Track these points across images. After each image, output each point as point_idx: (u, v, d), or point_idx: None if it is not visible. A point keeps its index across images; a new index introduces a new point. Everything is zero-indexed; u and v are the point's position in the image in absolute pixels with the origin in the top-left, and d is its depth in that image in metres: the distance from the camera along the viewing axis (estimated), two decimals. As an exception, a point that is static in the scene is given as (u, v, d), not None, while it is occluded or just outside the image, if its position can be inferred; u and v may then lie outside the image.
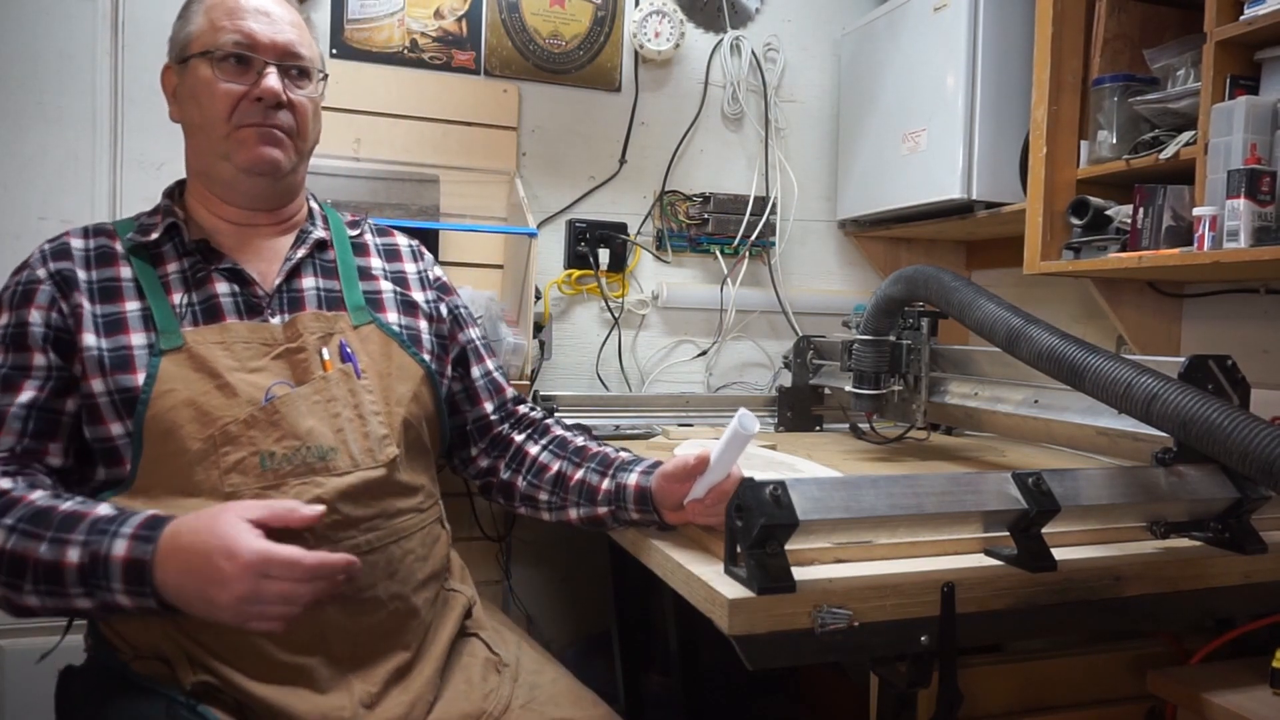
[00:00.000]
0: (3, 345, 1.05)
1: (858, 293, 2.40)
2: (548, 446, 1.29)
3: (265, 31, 1.13)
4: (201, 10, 1.15)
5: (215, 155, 1.14)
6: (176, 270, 1.13)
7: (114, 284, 1.10)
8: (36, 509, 0.95)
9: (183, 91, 1.16)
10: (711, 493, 1.06)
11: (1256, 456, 0.91)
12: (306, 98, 1.17)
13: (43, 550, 0.92)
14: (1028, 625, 1.01)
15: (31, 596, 0.94)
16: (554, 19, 2.15)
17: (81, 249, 1.12)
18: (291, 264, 1.17)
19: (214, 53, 1.11)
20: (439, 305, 1.30)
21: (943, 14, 1.96)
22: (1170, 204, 1.51)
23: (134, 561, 0.91)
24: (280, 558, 0.90)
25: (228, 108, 1.11)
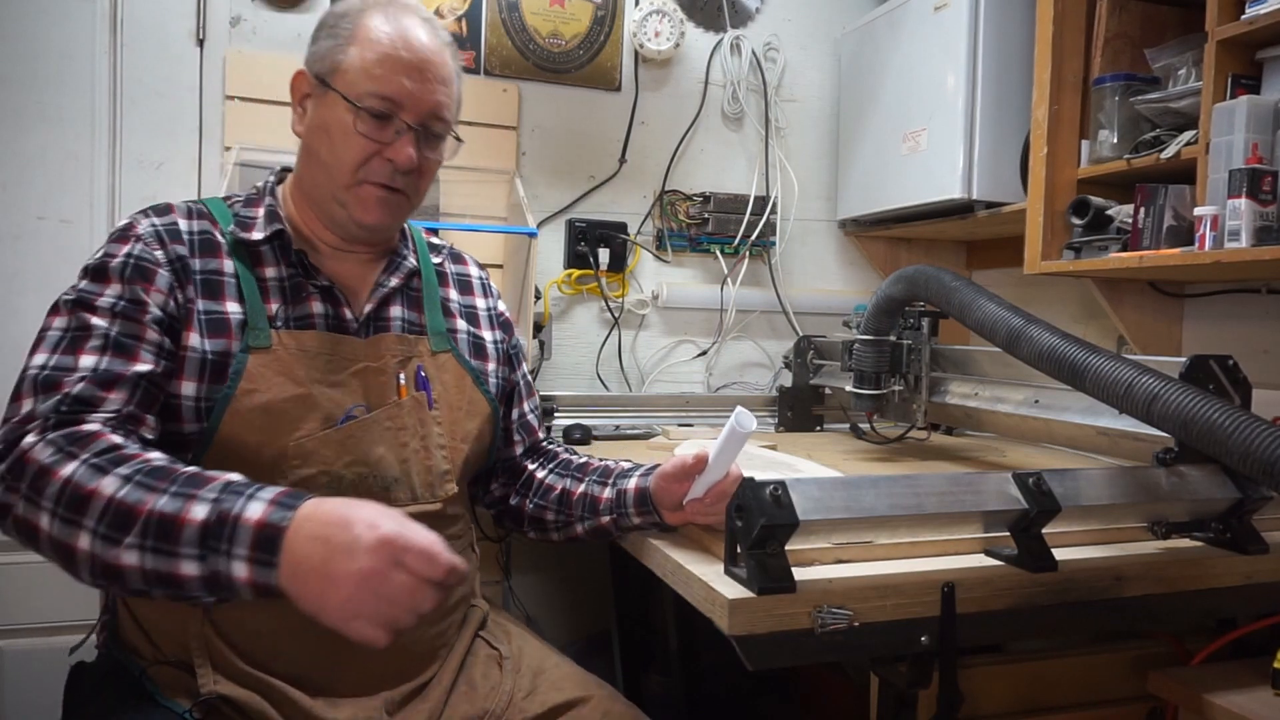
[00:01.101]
0: (113, 314, 1.00)
1: (858, 293, 2.40)
2: (553, 469, 1.30)
3: (416, 91, 1.08)
4: (358, 38, 1.08)
5: (332, 198, 1.11)
6: (275, 276, 1.10)
7: (218, 278, 1.07)
8: (155, 466, 0.88)
9: (314, 115, 1.11)
10: (711, 492, 1.07)
11: (1258, 457, 0.91)
12: (434, 161, 1.14)
13: (161, 502, 0.84)
14: (1028, 625, 1.01)
15: (131, 553, 0.83)
16: (554, 18, 2.15)
17: (188, 232, 1.08)
18: (384, 292, 1.17)
19: (358, 103, 1.07)
20: (503, 345, 1.31)
21: (943, 14, 1.96)
22: (1171, 204, 1.51)
23: (268, 526, 0.82)
24: (419, 545, 0.81)
25: (358, 160, 1.08)
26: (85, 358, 0.97)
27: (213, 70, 1.93)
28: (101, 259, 1.04)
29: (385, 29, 1.08)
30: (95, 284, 1.03)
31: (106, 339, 0.98)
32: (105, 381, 0.96)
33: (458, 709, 1.12)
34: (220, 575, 0.83)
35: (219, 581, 0.83)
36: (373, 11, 1.10)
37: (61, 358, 0.97)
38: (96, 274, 1.04)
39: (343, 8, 1.12)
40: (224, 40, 1.94)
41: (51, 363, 0.97)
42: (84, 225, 1.86)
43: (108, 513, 0.84)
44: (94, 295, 1.01)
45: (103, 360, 0.97)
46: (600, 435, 1.90)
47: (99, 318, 1.00)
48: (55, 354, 0.97)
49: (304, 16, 1.99)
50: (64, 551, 0.85)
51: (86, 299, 1.01)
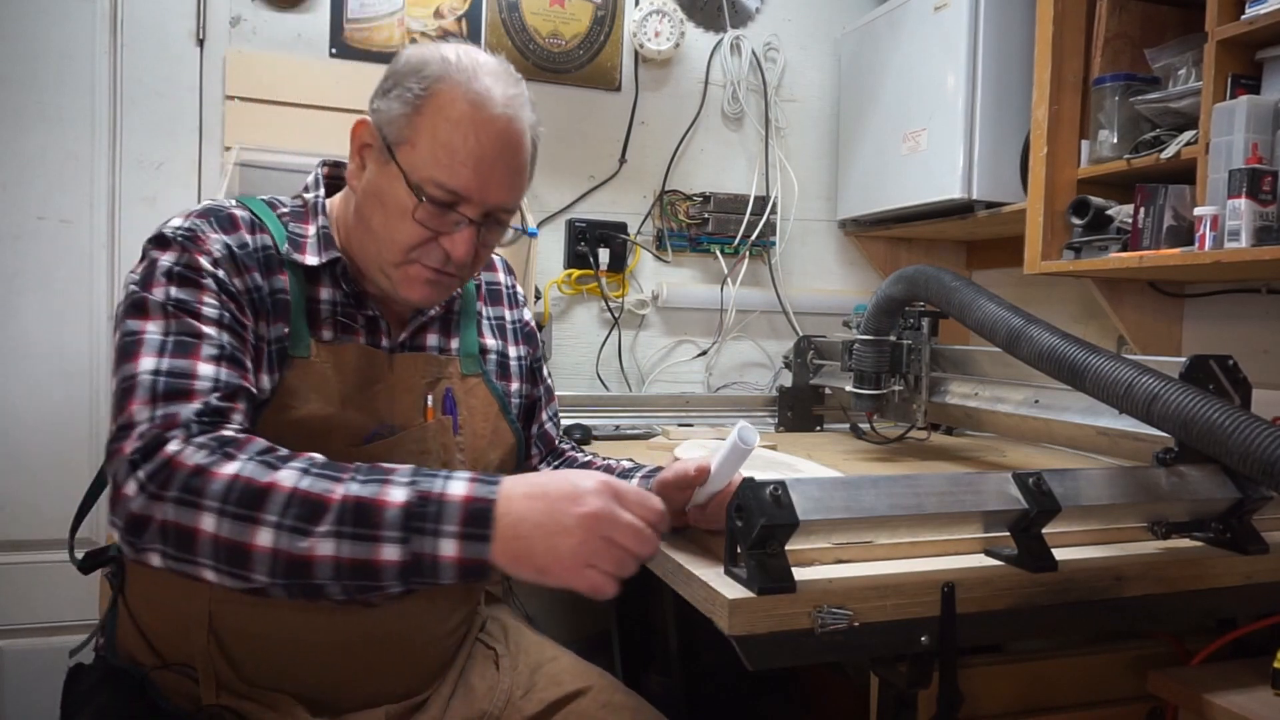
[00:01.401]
0: (220, 325, 0.95)
1: (858, 293, 2.40)
2: (556, 467, 1.31)
3: (484, 186, 1.00)
4: (431, 110, 0.98)
5: (377, 267, 1.05)
6: (329, 300, 1.06)
7: (283, 298, 1.03)
8: (327, 461, 0.85)
9: (372, 178, 1.02)
10: (713, 501, 1.05)
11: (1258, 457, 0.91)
12: (494, 242, 1.09)
13: (353, 488, 0.80)
14: (1028, 625, 1.01)
15: (328, 541, 0.78)
16: (554, 18, 2.15)
17: (256, 249, 1.02)
18: (420, 321, 1.14)
19: (420, 188, 0.98)
20: (526, 360, 1.29)
21: (943, 14, 1.96)
22: (1171, 204, 1.51)
23: (477, 500, 0.80)
24: (633, 489, 0.83)
25: (411, 243, 1.01)
26: (204, 365, 0.91)
27: (213, 70, 1.93)
28: (186, 266, 0.96)
29: (461, 107, 0.98)
30: (189, 289, 0.95)
31: (221, 349, 0.93)
32: (232, 393, 0.91)
33: (456, 713, 1.12)
34: (424, 557, 0.79)
35: (420, 565, 0.79)
36: (453, 79, 0.99)
37: (175, 362, 0.90)
38: (185, 281, 0.95)
39: (419, 58, 1.01)
40: (224, 40, 1.94)
41: (165, 368, 0.89)
42: (84, 225, 1.86)
43: (293, 503, 0.80)
44: (194, 303, 0.94)
45: (221, 370, 0.92)
46: (600, 435, 1.90)
47: (207, 326, 0.93)
48: (165, 358, 0.90)
49: (304, 16, 1.99)
50: (236, 552, 0.79)
51: (188, 305, 0.94)
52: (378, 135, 1.01)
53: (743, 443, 0.99)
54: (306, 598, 0.84)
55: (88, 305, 1.86)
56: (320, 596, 0.82)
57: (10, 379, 1.83)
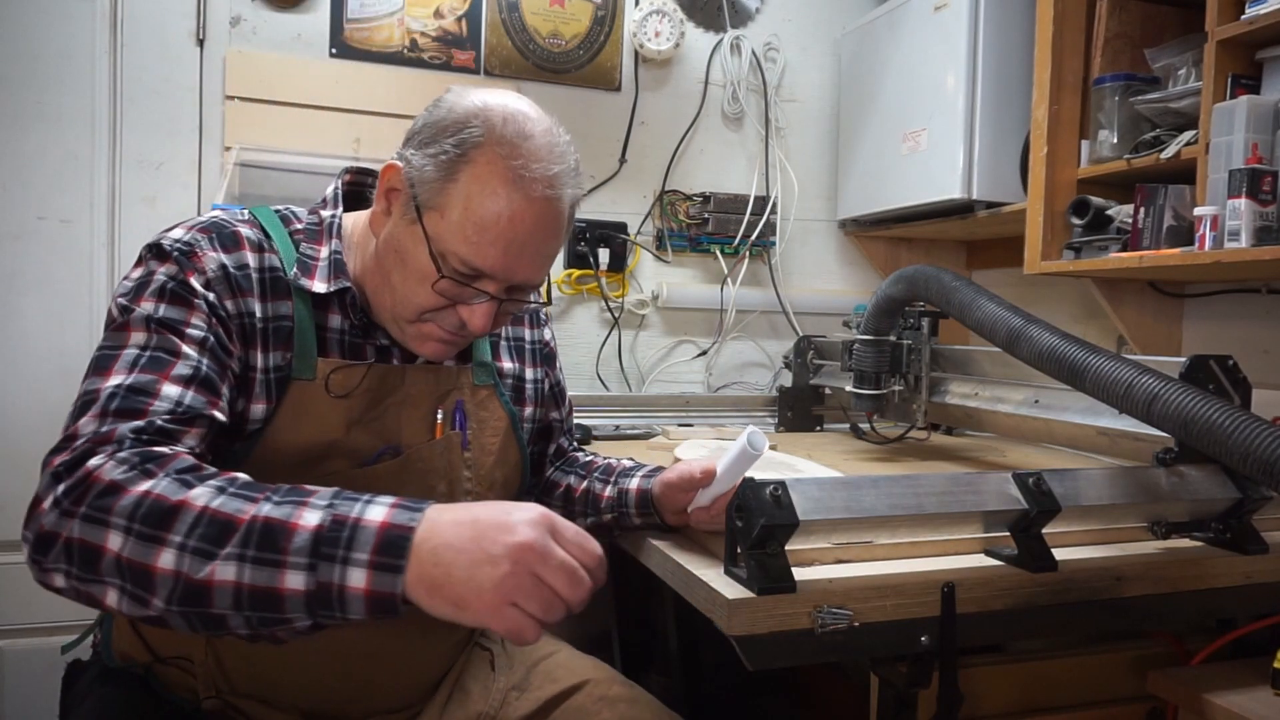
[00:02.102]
0: (202, 347, 0.91)
1: (858, 293, 2.40)
2: (559, 466, 1.30)
3: (509, 268, 0.96)
4: (466, 186, 0.93)
5: (391, 318, 1.02)
6: (337, 329, 1.03)
7: (287, 325, 0.99)
8: (248, 481, 0.79)
9: (396, 230, 0.98)
10: (716, 503, 1.05)
11: (1258, 457, 0.91)
12: (513, 311, 1.06)
13: (265, 509, 0.74)
14: (1028, 625, 1.01)
15: (229, 566, 0.72)
16: (554, 18, 2.15)
17: (258, 270, 0.98)
18: None
19: (443, 261, 0.95)
20: (544, 383, 1.26)
21: (943, 14, 1.96)
22: (1171, 204, 1.51)
23: (394, 527, 0.72)
24: (572, 527, 0.77)
25: (427, 308, 0.98)
26: (169, 386, 0.86)
27: (213, 70, 1.93)
28: (177, 285, 0.92)
29: (500, 185, 0.93)
30: (177, 307, 0.91)
31: (196, 372, 0.89)
32: (189, 419, 0.86)
33: (452, 717, 1.12)
34: (330, 588, 0.72)
35: (327, 597, 0.72)
36: (494, 150, 0.93)
37: (141, 377, 0.86)
38: (175, 299, 0.92)
39: (462, 112, 0.96)
40: (224, 40, 1.94)
41: (128, 384, 0.85)
42: (84, 225, 1.86)
43: (200, 523, 0.73)
44: (180, 323, 0.91)
45: (188, 394, 0.87)
46: (600, 435, 1.90)
47: (187, 345, 0.90)
48: (133, 374, 0.86)
49: (304, 16, 1.99)
50: (138, 574, 0.73)
51: (172, 323, 0.90)
52: (407, 188, 0.96)
53: (752, 448, 0.98)
54: (208, 630, 0.75)
55: (88, 305, 1.86)
56: (223, 629, 0.75)
57: (10, 379, 1.83)
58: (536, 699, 1.14)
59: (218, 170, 1.92)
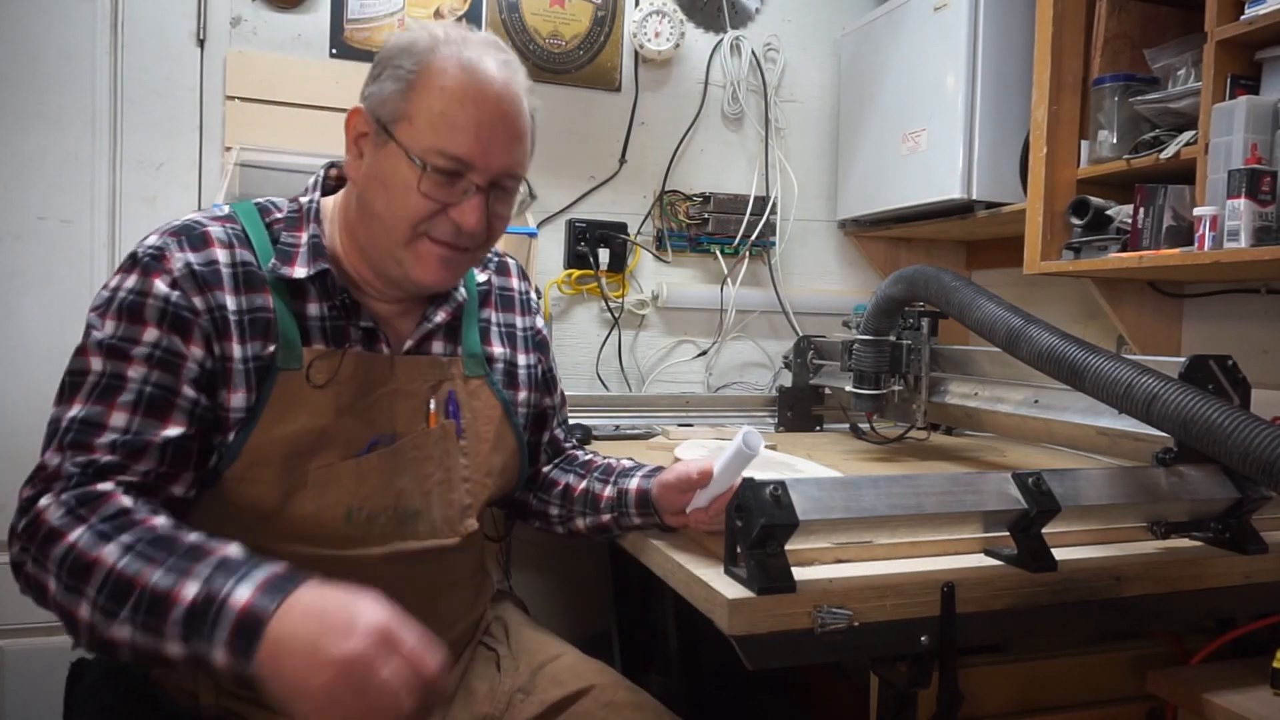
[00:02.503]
0: (149, 363, 0.94)
1: (858, 293, 2.40)
2: (558, 465, 1.30)
3: (486, 154, 0.99)
4: (421, 86, 0.97)
5: (387, 253, 1.03)
6: (317, 315, 1.04)
7: (264, 316, 1.00)
8: (159, 535, 0.85)
9: (372, 163, 1.01)
10: (714, 503, 1.06)
11: (1257, 456, 0.91)
12: (504, 216, 1.06)
13: (156, 577, 0.80)
14: (1028, 625, 1.01)
15: (125, 627, 0.80)
16: (554, 19, 2.15)
17: (228, 265, 1.00)
18: (428, 328, 1.11)
19: (423, 160, 0.97)
20: (537, 369, 1.27)
21: (943, 14, 1.96)
22: (1171, 204, 1.51)
23: (250, 614, 0.77)
24: (416, 641, 0.77)
25: (419, 217, 0.99)
26: (117, 415, 0.92)
27: (213, 70, 1.93)
28: (136, 297, 0.96)
29: (456, 75, 0.97)
30: (131, 325, 0.95)
31: (140, 395, 0.93)
32: (133, 451, 0.92)
33: (456, 717, 1.11)
34: (202, 659, 0.79)
35: (202, 663, 0.79)
36: (442, 52, 0.98)
37: (92, 409, 0.92)
38: (132, 313, 0.95)
39: (407, 40, 1.01)
40: (224, 40, 1.94)
41: (81, 415, 0.91)
42: (84, 225, 1.86)
43: (107, 584, 0.81)
44: (130, 342, 0.94)
45: (134, 420, 0.92)
46: (600, 435, 1.90)
47: (134, 367, 0.93)
48: (87, 404, 0.92)
49: (304, 17, 1.99)
50: (67, 617, 0.84)
51: (122, 346, 0.94)
52: (372, 120, 1.00)
53: (747, 448, 1.00)
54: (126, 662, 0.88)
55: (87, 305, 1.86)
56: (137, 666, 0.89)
57: (10, 379, 1.83)
58: (542, 702, 1.14)
59: (218, 170, 1.92)
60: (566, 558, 2.17)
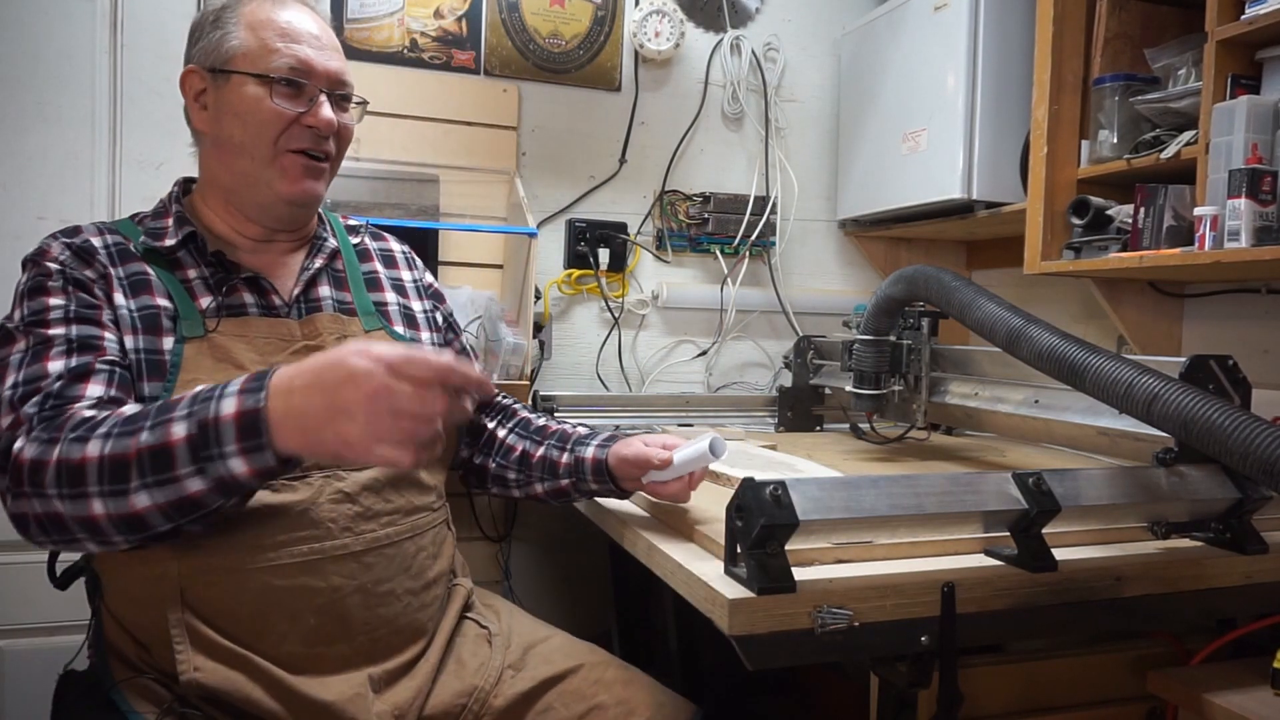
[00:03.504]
0: (67, 320, 1.01)
1: (858, 293, 2.40)
2: (514, 429, 1.35)
3: (319, 58, 1.13)
4: (243, 24, 1.12)
5: (254, 178, 1.13)
6: (198, 276, 1.12)
7: (144, 278, 1.09)
8: (127, 415, 0.91)
9: (219, 104, 1.12)
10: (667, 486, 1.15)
11: (1258, 456, 0.91)
12: (349, 126, 1.19)
13: (144, 438, 0.87)
14: (1028, 625, 1.01)
15: (141, 495, 0.86)
16: (554, 18, 2.15)
17: (103, 246, 1.10)
18: (309, 274, 1.19)
19: (268, 75, 1.10)
20: (435, 314, 1.34)
21: (943, 14, 1.96)
22: (1171, 204, 1.51)
23: (246, 414, 0.85)
24: (410, 355, 0.83)
25: (277, 130, 1.11)
26: (53, 363, 0.98)
27: (213, 70, 1.93)
28: (34, 280, 1.05)
29: (270, 9, 1.12)
30: (37, 300, 1.03)
31: (69, 342, 1.00)
32: (79, 374, 0.97)
33: (447, 687, 1.13)
34: (225, 479, 0.86)
35: (228, 485, 0.87)
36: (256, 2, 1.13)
37: (29, 370, 0.97)
38: (34, 293, 1.04)
39: (218, 2, 1.15)
40: (224, 40, 1.94)
41: (21, 378, 0.97)
42: (84, 225, 1.86)
43: (104, 470, 0.87)
44: (42, 311, 1.02)
45: (70, 360, 0.98)
46: (600, 435, 1.90)
47: (55, 328, 1.01)
48: (22, 370, 0.98)
49: (304, 16, 1.99)
50: (88, 525, 0.88)
51: (35, 317, 1.01)
52: (205, 72, 1.12)
53: (712, 454, 1.10)
54: (166, 540, 0.93)
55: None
56: (173, 535, 0.92)
57: (10, 379, 1.83)
58: (532, 678, 1.17)
59: (218, 170, 1.92)
60: (566, 558, 2.17)
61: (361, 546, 1.06)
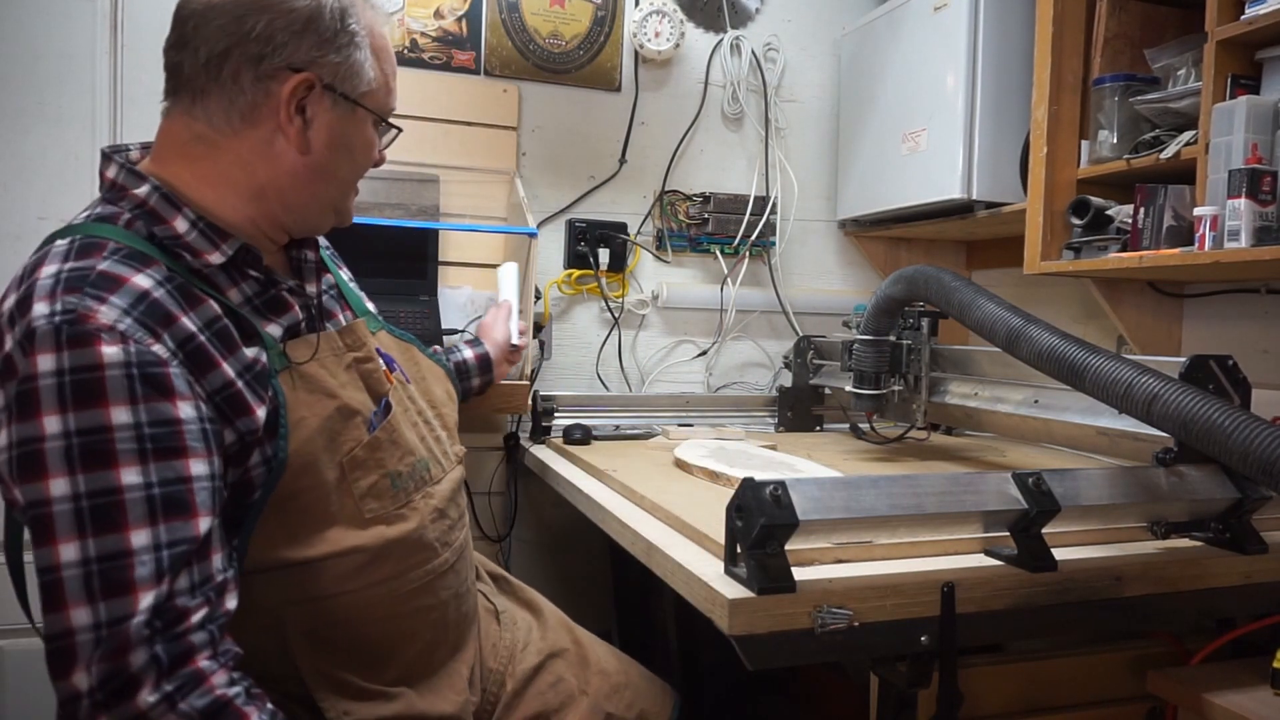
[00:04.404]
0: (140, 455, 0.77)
1: (858, 293, 2.40)
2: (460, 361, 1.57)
3: None
4: (369, 48, 0.99)
5: (326, 204, 1.03)
6: (243, 299, 0.95)
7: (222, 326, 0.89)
8: None
9: (330, 130, 0.98)
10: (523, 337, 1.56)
11: (1257, 456, 0.91)
12: None
13: None
14: (1028, 625, 1.01)
15: None
16: (554, 19, 2.15)
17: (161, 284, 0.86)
18: (311, 268, 1.07)
19: (386, 121, 1.04)
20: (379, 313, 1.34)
21: (943, 14, 1.96)
22: (1171, 204, 1.51)
23: None
24: None
25: (367, 170, 1.06)
26: (136, 535, 0.76)
27: (213, 70, 1.93)
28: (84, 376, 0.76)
29: (383, 27, 1.03)
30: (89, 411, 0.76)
31: (151, 502, 0.77)
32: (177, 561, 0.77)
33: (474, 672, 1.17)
34: None
35: None
36: (366, 8, 1.00)
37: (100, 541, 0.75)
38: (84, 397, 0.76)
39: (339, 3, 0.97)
40: (224, 40, 1.94)
41: (94, 552, 0.75)
42: (84, 225, 1.86)
43: None
44: (102, 434, 0.76)
45: (160, 531, 0.77)
46: (600, 435, 1.90)
47: (127, 469, 0.76)
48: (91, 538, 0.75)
49: (304, 17, 1.99)
50: None
51: (93, 444, 0.76)
52: (329, 91, 0.96)
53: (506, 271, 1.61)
54: None
55: (88, 305, 1.86)
56: None
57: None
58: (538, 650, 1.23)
59: (218, 170, 1.92)
60: (566, 557, 2.17)
61: (455, 557, 1.09)
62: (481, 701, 1.14)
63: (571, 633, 1.30)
